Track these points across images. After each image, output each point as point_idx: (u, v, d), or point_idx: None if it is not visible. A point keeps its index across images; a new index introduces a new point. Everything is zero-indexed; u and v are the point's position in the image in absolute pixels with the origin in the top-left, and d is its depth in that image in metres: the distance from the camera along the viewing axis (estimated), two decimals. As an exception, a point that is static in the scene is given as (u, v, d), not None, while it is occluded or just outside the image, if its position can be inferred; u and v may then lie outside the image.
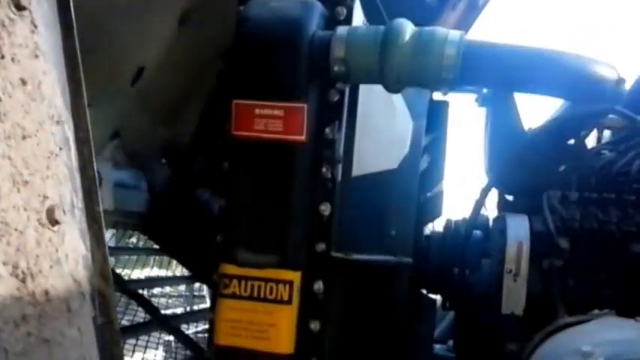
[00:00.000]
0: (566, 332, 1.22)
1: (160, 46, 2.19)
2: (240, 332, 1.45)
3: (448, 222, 2.17)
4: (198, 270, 3.01)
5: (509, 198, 2.22)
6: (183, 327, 2.77)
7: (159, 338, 3.06)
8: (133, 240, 3.18)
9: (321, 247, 1.48)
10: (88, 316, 0.93)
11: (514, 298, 1.75)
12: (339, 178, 1.50)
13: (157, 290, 3.64)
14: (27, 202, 0.85)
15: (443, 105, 2.20)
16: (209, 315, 1.55)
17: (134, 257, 3.38)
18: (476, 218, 2.05)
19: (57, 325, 0.86)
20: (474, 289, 1.96)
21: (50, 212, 0.89)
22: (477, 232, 2.10)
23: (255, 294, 1.45)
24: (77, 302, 0.91)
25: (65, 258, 0.91)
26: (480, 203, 2.03)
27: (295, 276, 1.45)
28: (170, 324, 2.60)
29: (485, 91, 2.28)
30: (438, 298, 2.25)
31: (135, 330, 2.39)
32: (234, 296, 1.46)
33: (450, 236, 2.10)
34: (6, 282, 0.79)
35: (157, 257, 3.57)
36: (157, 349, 3.06)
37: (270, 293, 1.44)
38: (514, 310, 1.75)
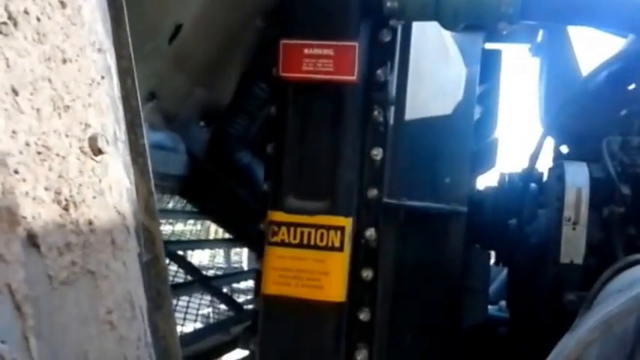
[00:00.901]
0: (637, 267, 1.15)
1: (198, 2, 2.14)
2: (289, 281, 1.41)
3: (502, 175, 2.09)
4: (239, 232, 2.98)
5: (564, 151, 2.13)
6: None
7: (197, 310, 3.05)
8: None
9: (373, 192, 1.42)
10: (133, 252, 0.90)
11: (573, 246, 1.67)
12: (392, 121, 1.44)
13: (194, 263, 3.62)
14: (68, 128, 0.81)
15: (496, 54, 2.11)
16: (256, 264, 1.52)
17: (169, 231, 3.37)
18: (532, 169, 1.97)
19: (102, 257, 0.83)
20: (531, 240, 1.88)
21: (93, 141, 0.85)
22: (533, 185, 2.02)
23: (305, 241, 1.40)
24: (122, 236, 0.88)
25: (109, 190, 0.87)
26: (535, 154, 1.95)
27: (347, 222, 1.40)
28: (211, 284, 2.58)
29: (539, 40, 2.18)
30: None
31: (176, 290, 2.37)
32: (283, 244, 1.42)
33: (505, 189, 2.02)
34: (49, 208, 0.75)
35: (193, 230, 3.56)
36: (195, 321, 3.05)
37: (321, 240, 1.40)
38: (573, 259, 1.67)
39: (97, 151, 0.85)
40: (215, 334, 2.14)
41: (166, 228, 3.38)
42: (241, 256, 5.80)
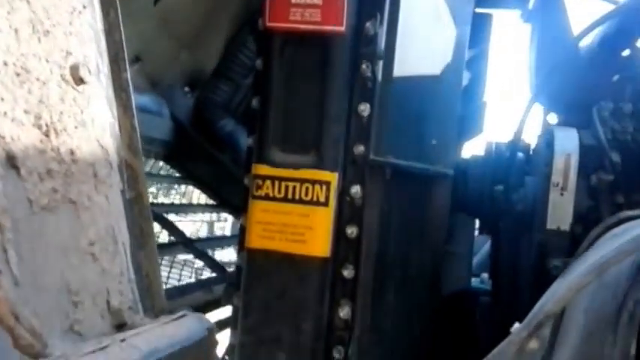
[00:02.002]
0: (629, 223, 1.13)
1: (184, -37, 2.10)
2: (273, 235, 1.39)
3: (489, 144, 2.08)
4: (222, 199, 2.96)
5: (553, 121, 2.12)
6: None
7: (181, 271, 3.02)
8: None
9: (359, 149, 1.40)
10: (116, 187, 0.87)
11: (560, 212, 1.67)
12: (379, 77, 1.42)
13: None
14: (49, 54, 0.78)
15: (486, 18, 2.09)
16: (240, 220, 1.50)
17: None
18: (519, 136, 1.96)
19: (83, 188, 0.80)
20: (517, 207, 1.88)
21: (74, 69, 0.82)
22: (520, 154, 2.02)
23: (290, 195, 1.39)
24: (104, 170, 0.85)
25: (91, 122, 0.85)
26: (523, 121, 1.94)
27: (332, 177, 1.38)
28: (195, 246, 2.56)
29: (531, 5, 2.16)
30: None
31: (160, 250, 2.34)
32: (267, 198, 1.40)
33: (492, 157, 2.02)
34: (29, 131, 0.73)
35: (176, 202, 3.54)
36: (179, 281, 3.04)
37: (306, 194, 1.38)
38: (560, 225, 1.67)
39: (79, 81, 0.82)
40: (198, 292, 2.12)
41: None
42: (224, 231, 5.78)
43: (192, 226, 5.25)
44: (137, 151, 0.93)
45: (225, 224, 5.79)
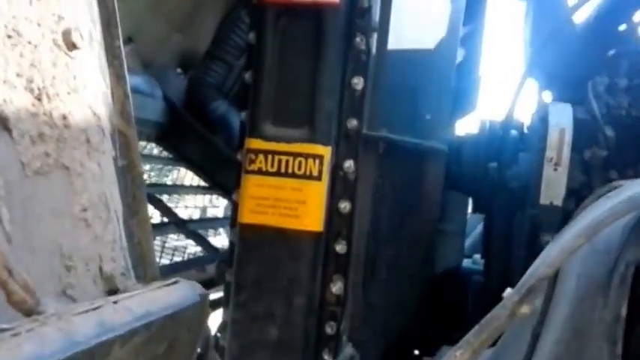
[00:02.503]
0: (620, 189, 1.13)
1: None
2: (266, 210, 1.39)
3: (482, 122, 2.08)
4: (214, 180, 2.95)
5: (548, 99, 2.12)
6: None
7: (172, 255, 3.01)
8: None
9: (352, 123, 1.40)
10: (109, 154, 0.87)
11: (554, 187, 1.67)
12: (374, 50, 1.41)
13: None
14: (41, 18, 0.77)
15: (481, -7, 2.08)
16: (233, 195, 1.49)
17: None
18: (512, 114, 1.96)
19: (76, 154, 0.80)
20: (510, 184, 1.88)
21: (67, 35, 0.81)
22: (513, 132, 2.02)
23: (283, 169, 1.38)
24: (97, 137, 0.85)
25: (83, 88, 0.84)
26: (516, 96, 1.94)
27: (325, 151, 1.37)
28: (187, 227, 2.55)
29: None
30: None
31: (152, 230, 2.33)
32: (260, 172, 1.39)
33: (485, 135, 2.02)
34: (20, 94, 0.72)
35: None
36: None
37: (299, 168, 1.37)
38: (553, 200, 1.67)
39: (71, 46, 0.81)
40: (190, 270, 2.12)
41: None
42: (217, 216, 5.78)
43: (184, 211, 5.24)
44: (130, 119, 0.92)
45: (217, 210, 5.79)
